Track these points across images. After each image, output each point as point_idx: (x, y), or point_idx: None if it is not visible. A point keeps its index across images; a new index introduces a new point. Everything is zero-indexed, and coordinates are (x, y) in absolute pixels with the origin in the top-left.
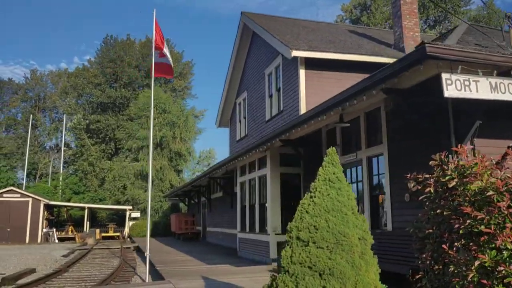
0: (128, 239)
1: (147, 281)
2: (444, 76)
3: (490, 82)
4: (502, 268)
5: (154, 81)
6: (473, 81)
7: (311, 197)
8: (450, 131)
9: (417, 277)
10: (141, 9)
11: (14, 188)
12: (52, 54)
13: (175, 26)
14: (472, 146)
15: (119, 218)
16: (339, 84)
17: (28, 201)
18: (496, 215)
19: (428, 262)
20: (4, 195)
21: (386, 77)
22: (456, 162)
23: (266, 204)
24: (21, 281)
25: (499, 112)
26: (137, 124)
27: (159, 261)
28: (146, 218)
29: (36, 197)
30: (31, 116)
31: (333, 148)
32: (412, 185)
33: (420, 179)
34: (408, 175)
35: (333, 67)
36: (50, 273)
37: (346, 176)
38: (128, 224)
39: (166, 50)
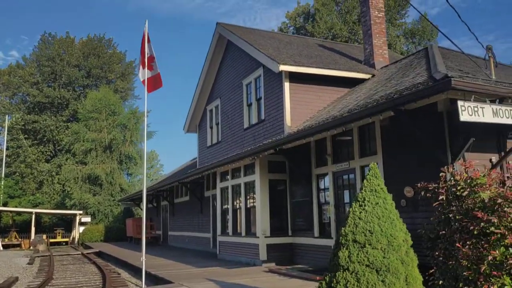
0: (80, 245)
1: (143, 286)
2: (460, 103)
3: (492, 108)
4: (511, 261)
5: (97, 81)
6: (480, 107)
7: (360, 205)
8: (446, 146)
9: (430, 271)
10: (77, 5)
11: None
12: None
13: (114, 23)
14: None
15: (65, 223)
16: (319, 96)
17: None
18: (506, 219)
19: (440, 258)
20: None
21: (408, 100)
22: (462, 174)
23: (256, 209)
24: None
25: (483, 131)
26: (83, 126)
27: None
28: (101, 222)
29: None
30: None
31: (375, 163)
32: (408, 192)
33: (430, 188)
34: (419, 185)
35: (314, 81)
36: (40, 282)
37: (337, 183)
38: (78, 229)
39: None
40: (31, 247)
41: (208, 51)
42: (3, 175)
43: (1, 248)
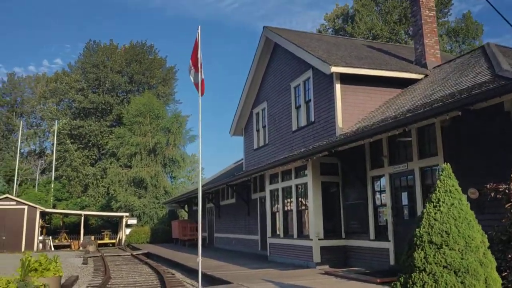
0: (126, 246)
1: (199, 286)
2: None
3: None
4: None
5: (139, 86)
6: None
7: (435, 206)
8: None
9: (503, 274)
10: (117, 13)
11: (9, 196)
12: (17, 57)
13: (153, 29)
14: None
15: (111, 225)
16: (371, 97)
17: (24, 208)
18: None
19: None
20: (0, 202)
21: (477, 100)
22: None
23: (308, 211)
24: None
25: None
26: (128, 130)
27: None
28: (146, 224)
29: (32, 204)
30: (22, 123)
31: (448, 164)
32: (472, 193)
33: (500, 189)
34: (488, 185)
35: (365, 82)
36: (101, 281)
37: (394, 185)
38: (125, 231)
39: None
40: (81, 248)
41: (255, 55)
42: (52, 179)
43: (53, 249)
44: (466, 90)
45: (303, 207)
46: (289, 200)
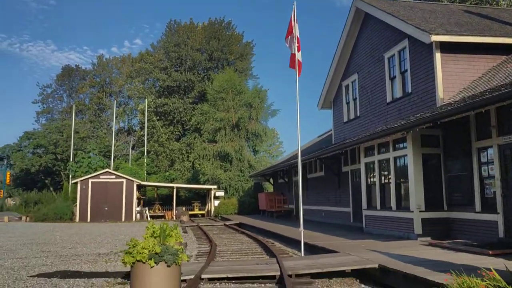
0: (215, 217)
1: (302, 254)
2: None
3: None
4: None
5: (218, 63)
6: None
7: None
8: None
9: None
10: None
11: (109, 170)
12: (101, 40)
13: (229, 4)
14: None
15: (199, 197)
16: (473, 66)
17: (123, 182)
18: None
19: None
20: (101, 176)
21: None
22: None
23: (409, 183)
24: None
25: None
26: (212, 106)
27: (295, 236)
28: (233, 196)
29: (130, 178)
30: (115, 102)
31: None
32: None
33: None
34: None
35: (466, 50)
36: (209, 247)
37: (504, 156)
38: (213, 202)
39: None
40: (175, 218)
41: (344, 26)
42: (145, 153)
43: (149, 219)
44: None
45: (403, 180)
46: (386, 172)
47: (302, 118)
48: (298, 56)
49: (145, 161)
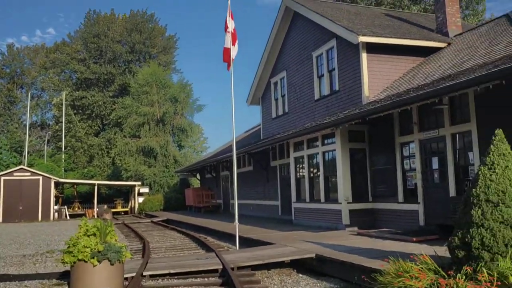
0: (140, 214)
1: (237, 248)
2: None
3: None
4: None
5: (140, 56)
6: None
7: (489, 169)
8: None
9: None
10: None
11: (24, 167)
12: (7, 27)
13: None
14: None
15: (121, 194)
16: (395, 66)
17: (39, 179)
18: None
19: None
20: (15, 174)
21: None
22: None
23: (337, 176)
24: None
25: None
26: (136, 100)
27: (227, 230)
28: (158, 192)
29: (46, 175)
30: (29, 94)
31: (500, 129)
32: None
33: None
34: None
35: (389, 51)
36: (142, 244)
37: (424, 150)
38: (137, 199)
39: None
40: (98, 216)
41: (273, 24)
42: (63, 149)
43: (68, 218)
44: (503, 59)
45: (331, 173)
46: (315, 166)
47: (230, 113)
48: (234, 50)
49: (62, 157)
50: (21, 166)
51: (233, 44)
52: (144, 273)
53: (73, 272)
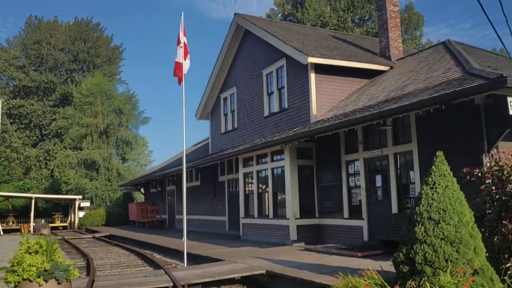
0: (80, 229)
1: (185, 265)
2: (509, 99)
3: None
4: None
5: (83, 65)
6: None
7: (431, 188)
8: (483, 136)
9: None
10: None
11: None
12: None
13: (99, 5)
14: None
15: (59, 208)
16: (341, 87)
17: None
18: None
19: (486, 234)
20: None
21: (461, 96)
22: (506, 161)
23: (286, 193)
24: None
25: None
26: (78, 111)
27: (174, 246)
28: (99, 207)
29: None
30: None
31: (441, 151)
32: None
33: (475, 173)
34: (464, 170)
35: (336, 72)
36: (85, 262)
37: (369, 168)
38: (78, 214)
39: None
40: (35, 231)
41: (224, 41)
42: None
43: (2, 233)
44: (442, 85)
45: (279, 189)
46: (264, 182)
47: (178, 127)
48: (186, 64)
49: None
50: None
51: (185, 58)
52: None
53: None
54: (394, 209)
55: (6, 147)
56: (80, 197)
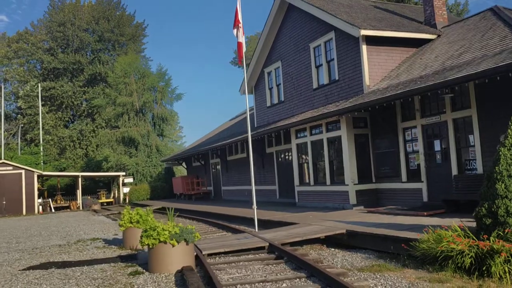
0: (127, 204)
1: (256, 230)
2: None
3: None
4: None
5: (108, 44)
6: None
7: (509, 149)
8: None
9: None
10: None
11: (6, 161)
12: None
13: None
14: None
15: (104, 185)
16: (391, 57)
17: (21, 173)
18: None
19: None
20: None
21: None
22: None
23: (343, 160)
24: None
25: None
26: (114, 90)
27: (237, 213)
28: (141, 182)
29: (29, 168)
30: (2, 87)
31: None
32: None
33: None
34: None
35: (386, 42)
36: None
37: (427, 134)
38: (122, 189)
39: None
40: (82, 208)
41: (268, 16)
42: (41, 141)
43: (53, 210)
44: (504, 53)
45: (335, 157)
46: (319, 151)
47: (212, 102)
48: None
49: (41, 149)
50: (3, 160)
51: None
52: (203, 252)
53: (153, 252)
54: (454, 171)
55: (39, 129)
56: (124, 173)
